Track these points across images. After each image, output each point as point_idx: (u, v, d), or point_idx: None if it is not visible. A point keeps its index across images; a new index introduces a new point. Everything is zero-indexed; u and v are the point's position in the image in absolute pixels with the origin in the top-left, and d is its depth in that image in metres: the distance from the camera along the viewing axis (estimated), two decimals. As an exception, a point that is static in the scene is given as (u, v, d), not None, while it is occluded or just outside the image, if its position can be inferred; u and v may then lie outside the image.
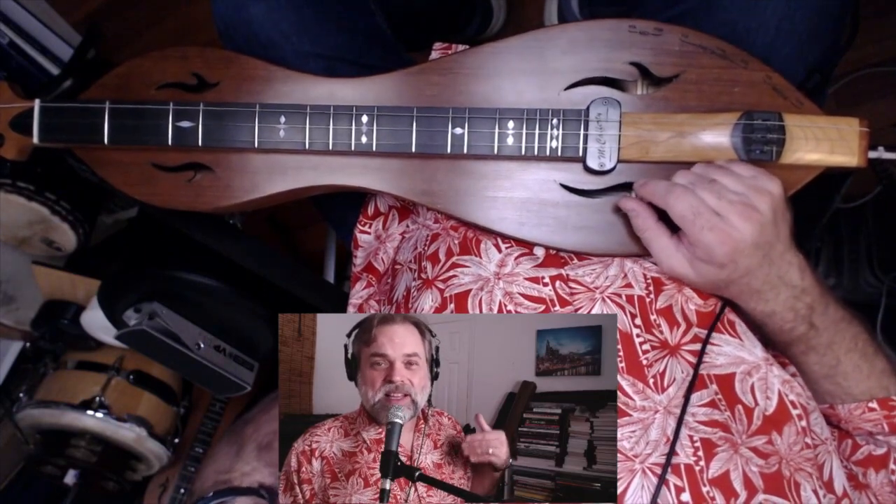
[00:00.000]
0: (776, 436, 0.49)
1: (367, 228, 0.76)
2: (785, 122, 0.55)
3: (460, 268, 0.59)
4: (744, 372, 0.52)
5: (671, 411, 0.49)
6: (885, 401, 0.53)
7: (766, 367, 0.52)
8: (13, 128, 0.63)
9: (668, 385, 0.51)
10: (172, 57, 0.62)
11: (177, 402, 1.34)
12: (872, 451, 0.53)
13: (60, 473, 1.29)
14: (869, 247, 1.03)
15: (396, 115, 0.59)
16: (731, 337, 0.54)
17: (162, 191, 0.63)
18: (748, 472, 0.47)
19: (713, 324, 0.54)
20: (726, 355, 0.53)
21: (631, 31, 0.57)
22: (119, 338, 0.99)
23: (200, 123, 0.61)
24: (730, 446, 0.48)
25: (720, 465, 0.47)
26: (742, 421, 0.50)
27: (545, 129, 0.58)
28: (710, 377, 0.52)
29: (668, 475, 0.46)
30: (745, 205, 0.50)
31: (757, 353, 0.53)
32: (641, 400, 0.50)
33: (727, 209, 0.50)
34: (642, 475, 0.46)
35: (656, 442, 0.48)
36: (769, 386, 0.51)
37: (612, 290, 0.56)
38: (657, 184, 0.55)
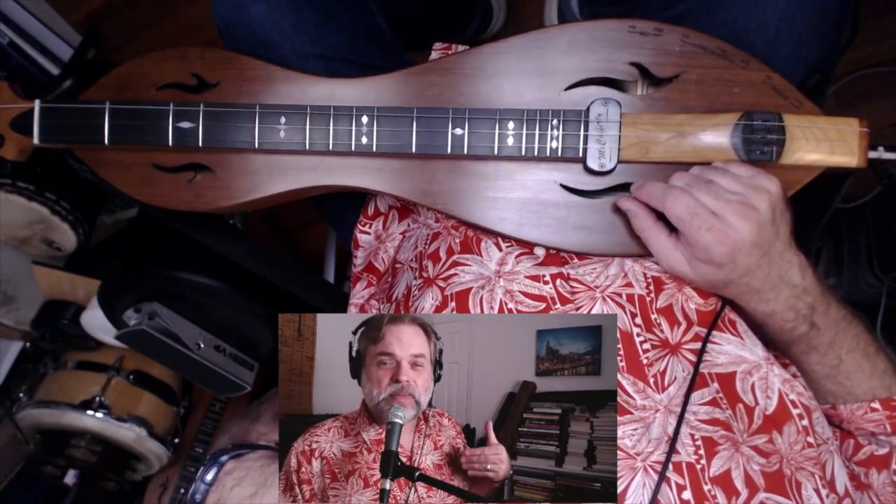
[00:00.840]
0: (776, 435, 0.49)
1: (367, 228, 0.76)
2: (785, 122, 0.55)
3: (461, 266, 0.59)
4: (744, 371, 0.52)
5: (672, 410, 0.49)
6: (888, 401, 0.53)
7: (767, 367, 0.52)
8: (13, 128, 0.63)
9: (668, 384, 0.51)
10: (173, 57, 0.62)
11: (177, 402, 1.34)
12: (874, 451, 0.53)
13: (60, 473, 1.29)
14: (869, 247, 1.03)
15: (396, 115, 0.59)
16: (732, 336, 0.54)
17: (162, 191, 0.63)
18: (749, 470, 0.47)
19: (713, 322, 0.54)
20: (727, 354, 0.53)
21: (631, 31, 0.57)
22: (119, 338, 0.99)
23: (201, 124, 0.61)
24: (731, 445, 0.48)
25: (721, 463, 0.47)
26: (743, 419, 0.50)
27: (545, 130, 0.58)
28: (712, 376, 0.52)
29: (670, 473, 0.46)
30: (742, 204, 0.50)
31: (758, 352, 0.53)
32: (642, 399, 0.50)
33: (724, 209, 0.50)
34: (644, 473, 0.46)
35: (657, 440, 0.48)
36: (770, 385, 0.51)
37: (612, 289, 0.56)
38: (654, 186, 0.55)
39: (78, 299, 1.22)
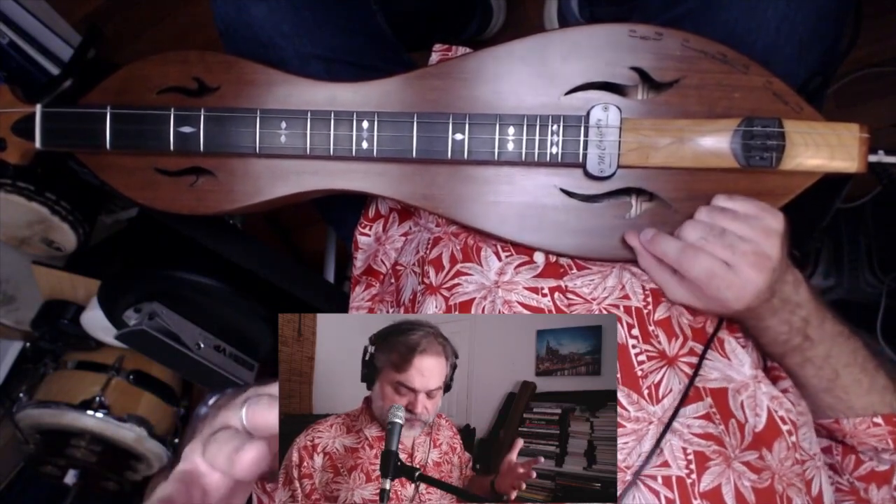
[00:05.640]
0: (766, 452, 0.49)
1: (367, 230, 0.76)
2: (785, 128, 0.55)
3: (464, 276, 0.59)
4: (734, 389, 0.52)
5: (665, 422, 0.49)
6: (891, 416, 0.53)
7: (755, 385, 0.52)
8: (15, 132, 0.63)
9: (663, 396, 0.51)
10: (173, 61, 0.62)
11: (177, 402, 1.34)
12: (875, 467, 0.53)
13: (60, 473, 1.29)
14: (869, 247, 1.03)
15: (397, 120, 0.59)
16: (720, 356, 0.54)
17: (164, 195, 0.63)
18: (740, 486, 0.47)
19: (708, 343, 0.54)
20: (718, 371, 0.53)
21: (631, 35, 0.57)
22: (119, 338, 0.99)
23: (202, 129, 0.60)
24: (723, 460, 0.48)
25: (712, 478, 0.47)
26: (736, 435, 0.50)
27: (545, 136, 0.58)
28: (706, 390, 0.52)
29: (660, 487, 0.46)
30: (756, 254, 0.51)
31: (745, 371, 0.53)
32: (636, 411, 0.50)
33: (740, 261, 0.51)
34: (634, 486, 0.46)
35: (647, 454, 0.48)
36: (758, 403, 0.51)
37: (609, 300, 0.56)
38: (667, 244, 0.55)
39: (78, 299, 1.22)
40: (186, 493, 0.33)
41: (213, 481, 0.34)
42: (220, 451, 0.32)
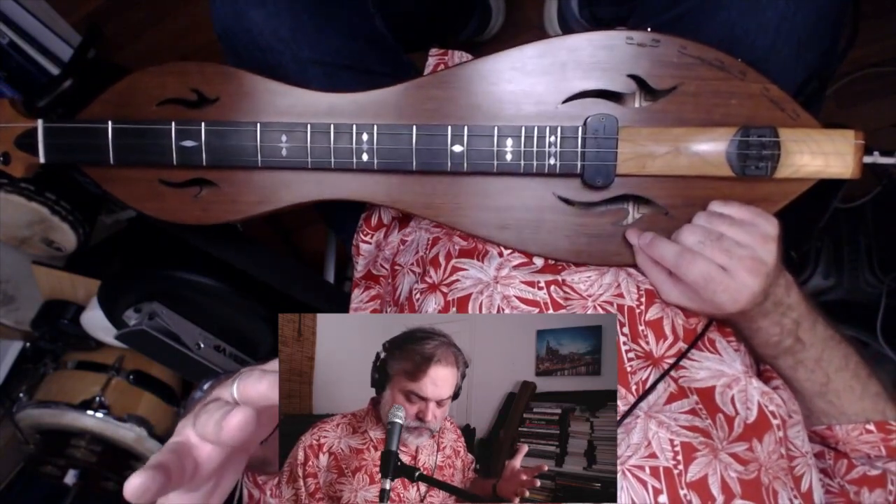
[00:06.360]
0: (756, 443, 0.50)
1: (368, 238, 0.77)
2: (780, 137, 0.55)
3: (460, 271, 0.60)
4: (724, 385, 0.52)
5: (652, 416, 0.50)
6: (883, 424, 0.53)
7: (746, 380, 0.52)
8: (19, 146, 0.62)
9: (649, 394, 0.52)
10: (171, 72, 0.62)
11: (177, 402, 1.34)
12: (867, 472, 0.54)
13: (60, 473, 1.29)
14: (869, 247, 1.03)
15: (396, 132, 0.59)
16: (710, 353, 0.55)
17: (169, 206, 0.63)
18: (727, 477, 0.47)
19: (695, 340, 0.55)
20: (707, 369, 0.53)
21: (629, 42, 0.56)
22: (119, 338, 0.99)
23: (203, 142, 0.60)
24: (709, 451, 0.48)
25: (698, 469, 0.47)
26: (723, 428, 0.50)
27: (543, 147, 0.58)
28: (691, 389, 0.52)
29: (647, 477, 0.47)
30: (753, 259, 0.52)
31: (736, 366, 0.54)
32: (625, 406, 0.51)
33: (737, 266, 0.52)
34: (622, 476, 0.47)
35: (637, 445, 0.48)
36: (749, 397, 0.52)
37: (604, 298, 0.57)
38: (665, 247, 0.55)
39: (78, 299, 1.22)
40: (178, 464, 0.33)
41: (204, 453, 0.35)
42: (209, 419, 0.33)
